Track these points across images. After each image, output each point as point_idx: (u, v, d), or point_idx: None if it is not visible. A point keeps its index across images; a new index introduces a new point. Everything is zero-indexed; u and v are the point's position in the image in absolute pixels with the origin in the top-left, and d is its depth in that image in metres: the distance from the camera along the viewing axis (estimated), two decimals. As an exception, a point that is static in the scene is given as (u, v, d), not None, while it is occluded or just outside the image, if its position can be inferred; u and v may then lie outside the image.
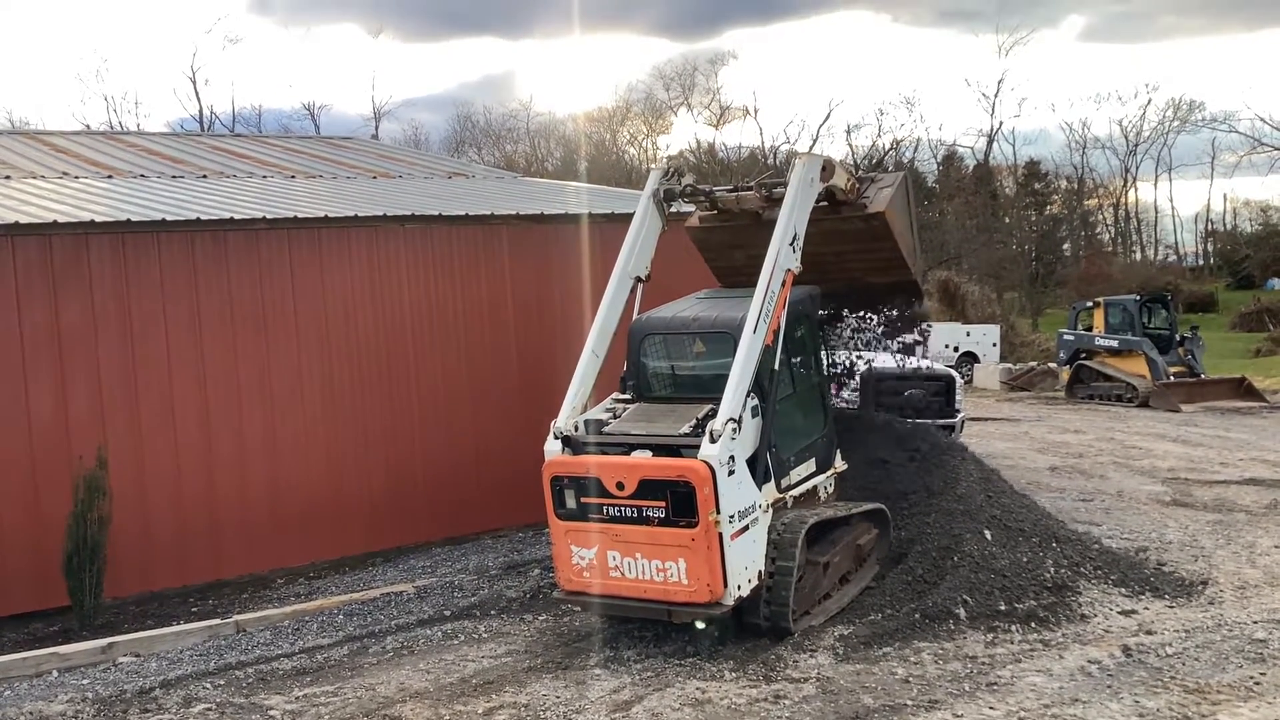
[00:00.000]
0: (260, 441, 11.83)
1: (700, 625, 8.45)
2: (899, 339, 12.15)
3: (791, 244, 9.15)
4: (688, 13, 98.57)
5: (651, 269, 9.98)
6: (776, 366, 8.95)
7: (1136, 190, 77.45)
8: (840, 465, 10.29)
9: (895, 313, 11.84)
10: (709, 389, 8.84)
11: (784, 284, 9.02)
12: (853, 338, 12.18)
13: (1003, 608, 8.94)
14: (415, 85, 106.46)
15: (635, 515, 8.33)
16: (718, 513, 8.05)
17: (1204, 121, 71.17)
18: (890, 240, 10.66)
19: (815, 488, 9.73)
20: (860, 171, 11.45)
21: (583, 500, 8.56)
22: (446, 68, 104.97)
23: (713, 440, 8.14)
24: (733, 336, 8.76)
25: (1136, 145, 74.92)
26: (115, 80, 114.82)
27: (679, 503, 8.13)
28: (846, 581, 9.54)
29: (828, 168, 9.76)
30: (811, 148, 65.03)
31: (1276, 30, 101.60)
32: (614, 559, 8.48)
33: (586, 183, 30.57)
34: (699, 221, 10.98)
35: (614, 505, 8.41)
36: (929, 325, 12.81)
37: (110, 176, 15.56)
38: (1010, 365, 36.28)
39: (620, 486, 8.35)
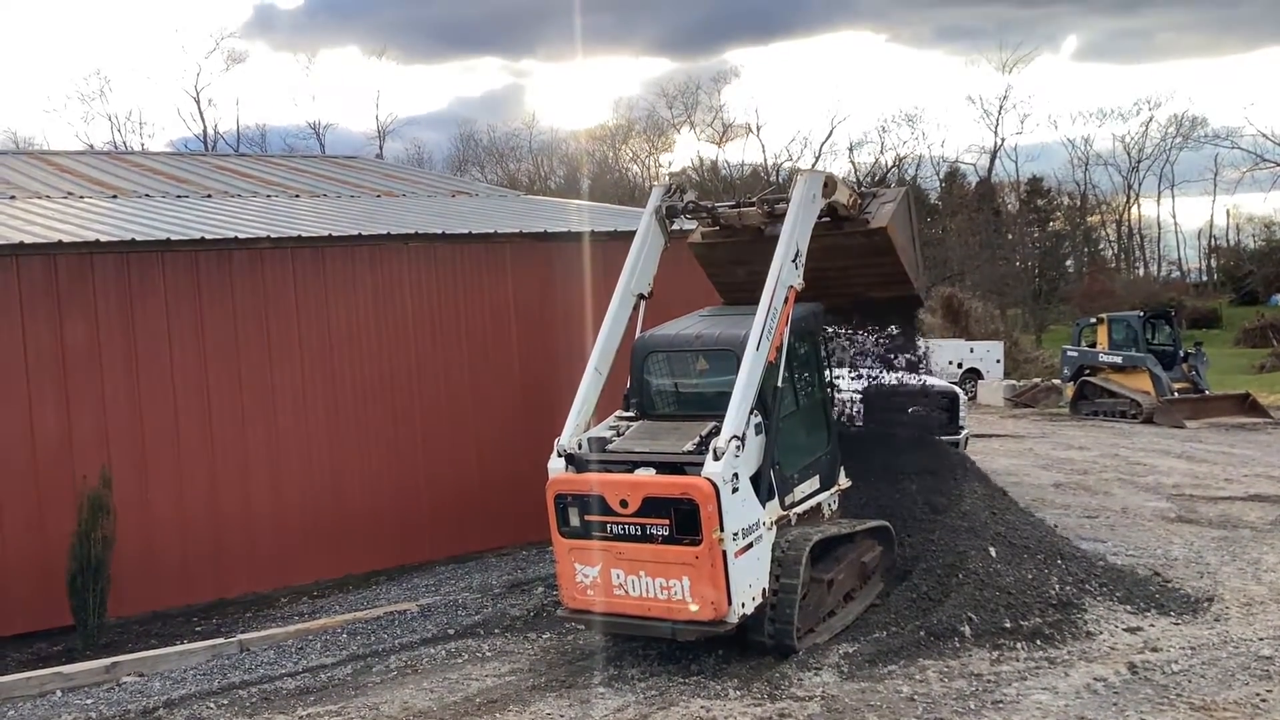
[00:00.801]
0: (264, 460, 11.83)
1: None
2: (901, 356, 12.18)
3: (794, 260, 9.16)
4: (688, 32, 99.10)
5: (654, 286, 9.99)
6: (780, 383, 8.95)
7: (1139, 206, 77.60)
8: (844, 482, 10.27)
9: (896, 328, 11.87)
10: (712, 406, 8.83)
11: (787, 301, 9.02)
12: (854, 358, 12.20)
13: (1008, 625, 8.91)
14: (416, 104, 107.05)
15: (639, 533, 8.32)
16: (721, 530, 8.03)
17: (1206, 138, 71.36)
18: (893, 255, 10.67)
19: (819, 505, 9.72)
20: (862, 187, 11.47)
21: (586, 518, 8.55)
22: (447, 87, 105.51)
23: (716, 458, 8.13)
24: (736, 354, 8.76)
25: (1139, 162, 75.10)
26: (119, 100, 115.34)
27: (683, 520, 8.12)
28: (851, 599, 9.51)
29: (829, 184, 9.78)
30: (814, 165, 65.20)
31: (1274, 49, 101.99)
32: (618, 577, 8.46)
33: (589, 200, 30.65)
34: (701, 237, 10.99)
35: (617, 523, 8.40)
36: (927, 343, 12.84)
37: (115, 196, 15.61)
38: (1014, 382, 36.24)
39: (624, 504, 8.34)
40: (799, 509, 9.28)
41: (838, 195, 9.89)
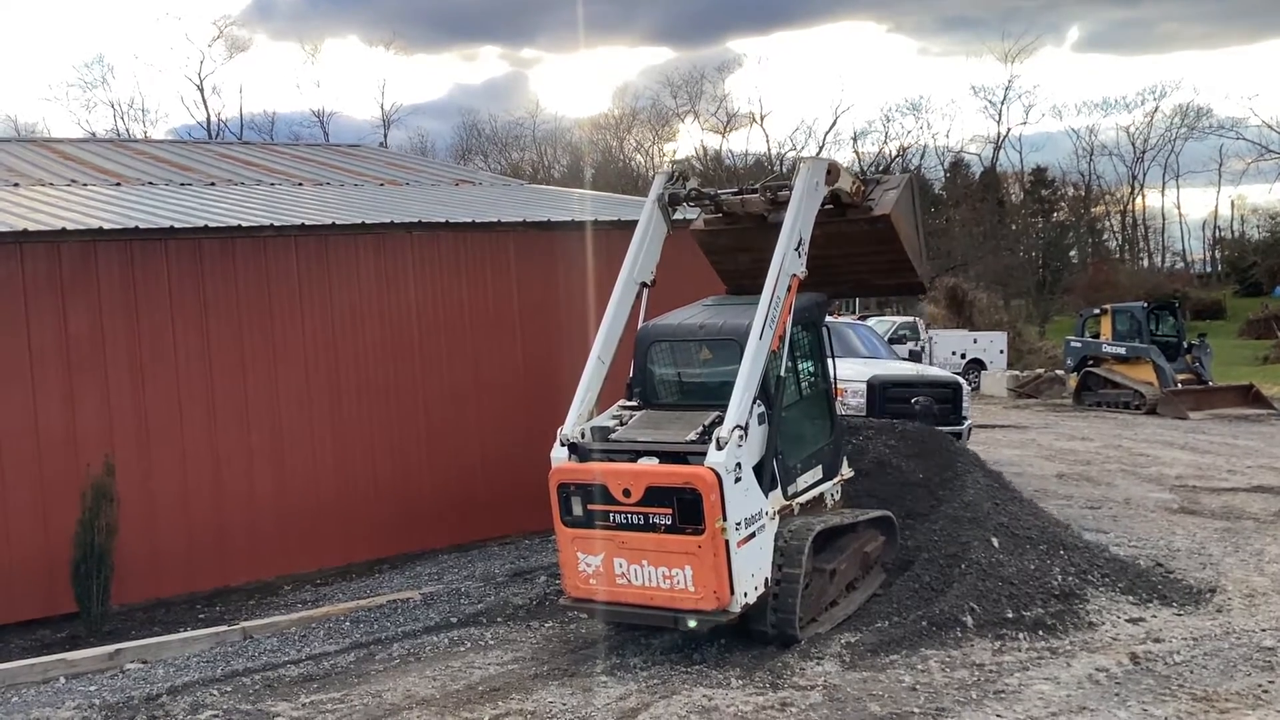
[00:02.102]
0: (267, 448, 11.84)
1: (693, 624, 8.31)
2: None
3: (797, 249, 9.13)
4: (689, 20, 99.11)
5: (657, 274, 9.96)
6: (783, 373, 8.95)
7: (1144, 197, 77.57)
8: (847, 472, 10.27)
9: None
10: (716, 396, 8.82)
11: (790, 289, 9.01)
12: None
13: (1010, 615, 8.91)
14: (418, 93, 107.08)
15: (642, 522, 8.31)
16: (724, 520, 8.03)
17: (1211, 128, 71.23)
18: (896, 243, 10.62)
19: (822, 495, 9.72)
20: (866, 175, 11.38)
21: (589, 507, 8.54)
22: (448, 76, 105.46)
23: (719, 447, 8.12)
24: (739, 344, 8.74)
25: (1144, 152, 75.00)
26: (121, 87, 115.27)
27: (685, 510, 8.11)
28: (853, 589, 9.51)
29: (832, 171, 9.71)
30: (819, 154, 65.06)
31: (1277, 41, 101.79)
32: (620, 566, 8.47)
33: (592, 190, 30.62)
34: (704, 224, 10.97)
35: (620, 512, 8.39)
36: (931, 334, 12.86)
37: (118, 184, 15.60)
38: (1017, 372, 36.22)
39: (627, 494, 8.34)
40: (801, 499, 9.28)
41: (841, 183, 9.84)
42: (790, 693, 7.68)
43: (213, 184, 16.28)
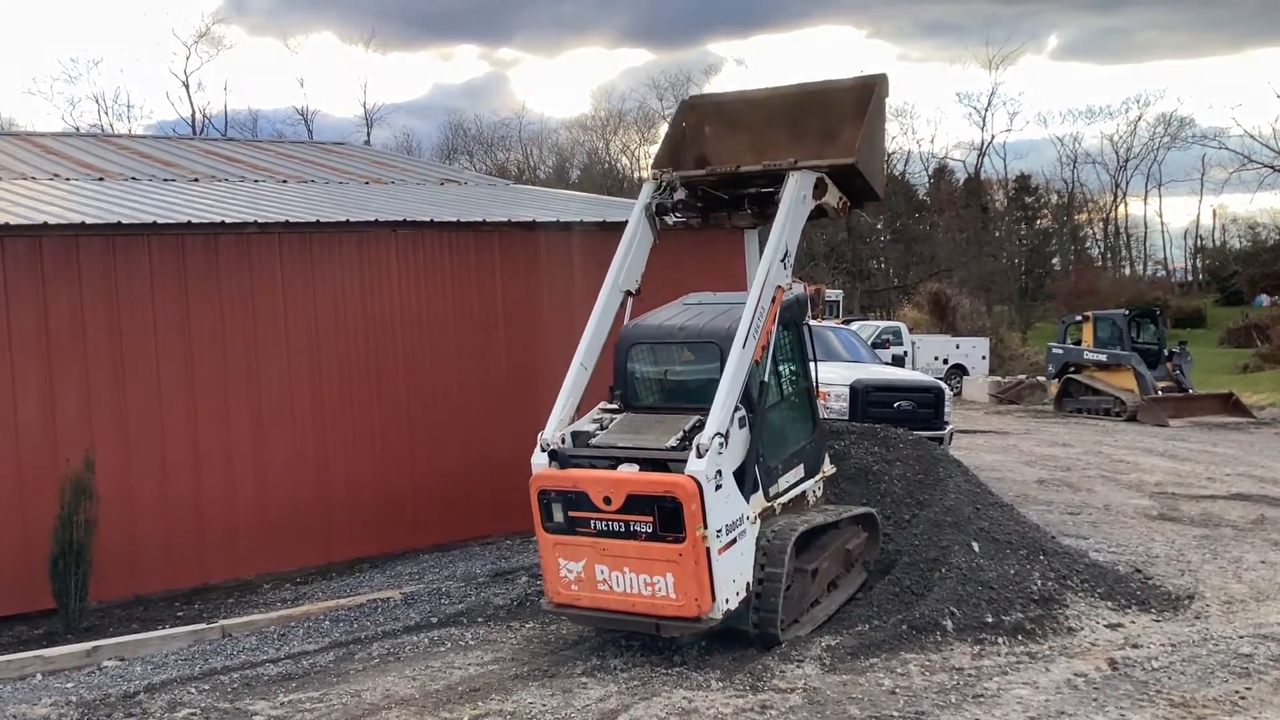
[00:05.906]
0: (248, 446, 11.79)
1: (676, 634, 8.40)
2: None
3: (783, 260, 9.11)
4: (668, 22, 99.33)
5: (642, 283, 9.90)
6: (765, 378, 8.94)
7: (1126, 205, 77.98)
8: (829, 468, 10.27)
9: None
10: (696, 398, 8.81)
11: (774, 300, 8.98)
12: None
13: (990, 620, 8.95)
14: (397, 92, 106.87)
15: (623, 530, 8.28)
16: (705, 528, 8.01)
17: (1194, 138, 71.61)
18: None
19: (804, 493, 9.71)
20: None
21: (570, 514, 8.48)
22: (427, 75, 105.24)
23: (700, 455, 8.08)
24: (720, 346, 8.74)
25: (1127, 161, 75.40)
26: (105, 82, 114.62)
27: (666, 517, 8.08)
28: (835, 587, 9.52)
29: (820, 186, 9.67)
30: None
31: (1259, 51, 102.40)
32: (602, 573, 8.44)
33: (578, 190, 30.62)
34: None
35: (601, 519, 8.35)
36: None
37: (101, 179, 15.52)
38: (999, 378, 36.37)
39: (607, 501, 8.30)
40: (783, 499, 9.28)
41: (828, 198, 9.79)
42: (770, 695, 7.69)
43: (196, 180, 16.21)
